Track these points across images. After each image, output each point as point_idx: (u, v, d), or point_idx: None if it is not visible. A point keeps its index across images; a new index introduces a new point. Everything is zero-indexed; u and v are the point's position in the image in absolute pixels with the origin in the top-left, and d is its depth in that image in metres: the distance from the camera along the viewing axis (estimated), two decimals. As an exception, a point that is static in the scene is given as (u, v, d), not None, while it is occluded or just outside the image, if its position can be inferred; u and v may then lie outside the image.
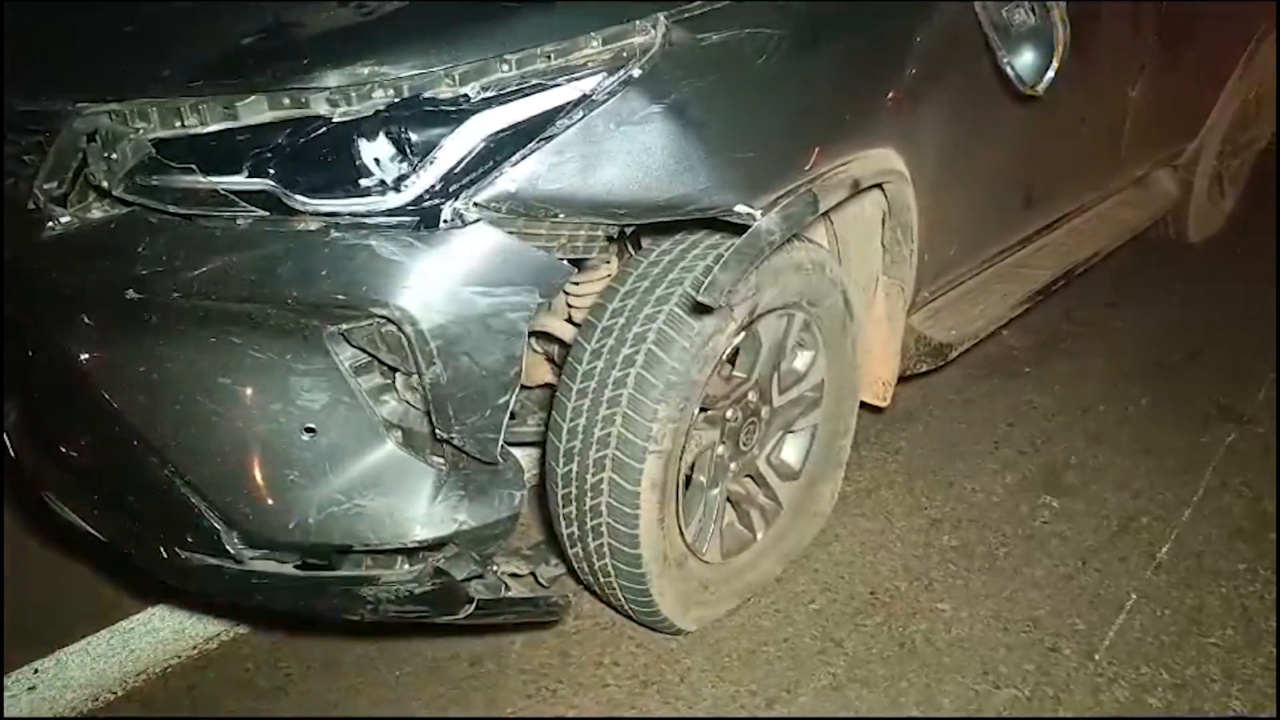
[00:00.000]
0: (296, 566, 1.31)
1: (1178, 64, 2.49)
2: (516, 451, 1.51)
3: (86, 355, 1.19)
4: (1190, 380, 2.44)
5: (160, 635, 1.68)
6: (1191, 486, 2.03)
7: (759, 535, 1.72)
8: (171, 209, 1.13)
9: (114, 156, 1.12)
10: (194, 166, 1.11)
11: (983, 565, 1.81)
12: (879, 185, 1.58)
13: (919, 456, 2.14)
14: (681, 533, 1.52)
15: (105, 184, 1.14)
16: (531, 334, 1.48)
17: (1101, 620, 1.68)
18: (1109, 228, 2.61)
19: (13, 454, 1.46)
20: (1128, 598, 1.73)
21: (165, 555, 1.31)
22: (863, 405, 1.86)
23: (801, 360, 1.68)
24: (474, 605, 1.32)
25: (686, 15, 1.23)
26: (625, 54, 1.18)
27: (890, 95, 1.51)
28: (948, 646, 1.63)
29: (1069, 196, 2.39)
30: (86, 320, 1.18)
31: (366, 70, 1.09)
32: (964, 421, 2.28)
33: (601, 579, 1.49)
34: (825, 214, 1.53)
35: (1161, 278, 2.97)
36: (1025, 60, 1.56)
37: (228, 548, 1.25)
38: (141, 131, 1.12)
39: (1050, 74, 1.57)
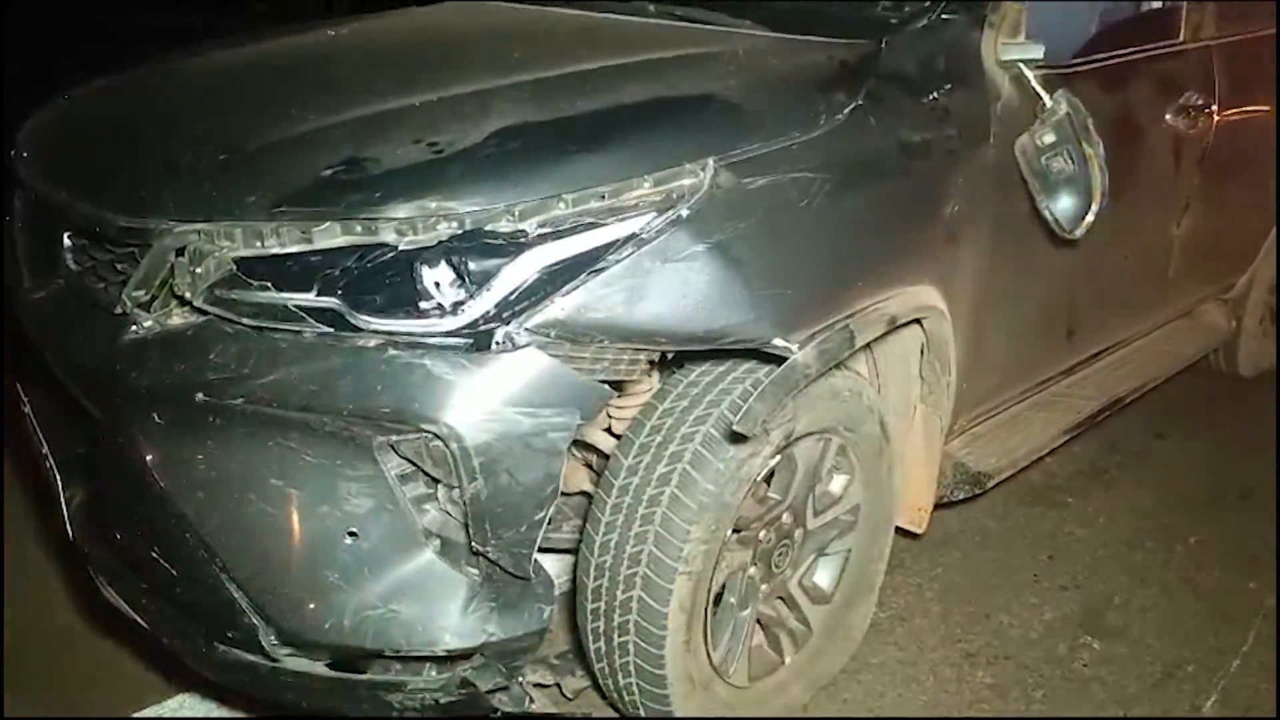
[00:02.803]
0: (327, 666, 1.34)
1: (1224, 200, 2.51)
2: (549, 557, 1.54)
3: (152, 450, 1.27)
4: (1241, 520, 2.37)
5: (188, 723, 1.71)
6: (1240, 634, 1.96)
7: (787, 659, 1.70)
8: (245, 320, 1.21)
9: (199, 270, 1.22)
10: (269, 283, 1.20)
11: (1018, 707, 1.76)
12: (917, 320, 1.62)
13: (954, 585, 2.10)
14: (709, 654, 1.51)
15: (188, 294, 1.23)
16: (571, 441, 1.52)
17: (1142, 775, 1.61)
18: (1157, 360, 2.59)
19: (72, 536, 1.54)
20: (1170, 753, 1.67)
21: (203, 647, 1.36)
22: (898, 530, 1.85)
23: (837, 484, 1.69)
24: (498, 717, 1.33)
25: (734, 159, 1.31)
26: (675, 195, 1.25)
27: (930, 235, 1.56)
28: (979, 792, 1.57)
29: (1113, 329, 2.39)
30: (156, 418, 1.26)
31: (434, 204, 1.18)
32: (1002, 551, 2.24)
33: (625, 696, 1.49)
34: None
35: (1211, 411, 2.92)
36: (1063, 206, 1.61)
37: (263, 644, 1.29)
38: (225, 250, 1.22)
39: (1089, 220, 1.61)
